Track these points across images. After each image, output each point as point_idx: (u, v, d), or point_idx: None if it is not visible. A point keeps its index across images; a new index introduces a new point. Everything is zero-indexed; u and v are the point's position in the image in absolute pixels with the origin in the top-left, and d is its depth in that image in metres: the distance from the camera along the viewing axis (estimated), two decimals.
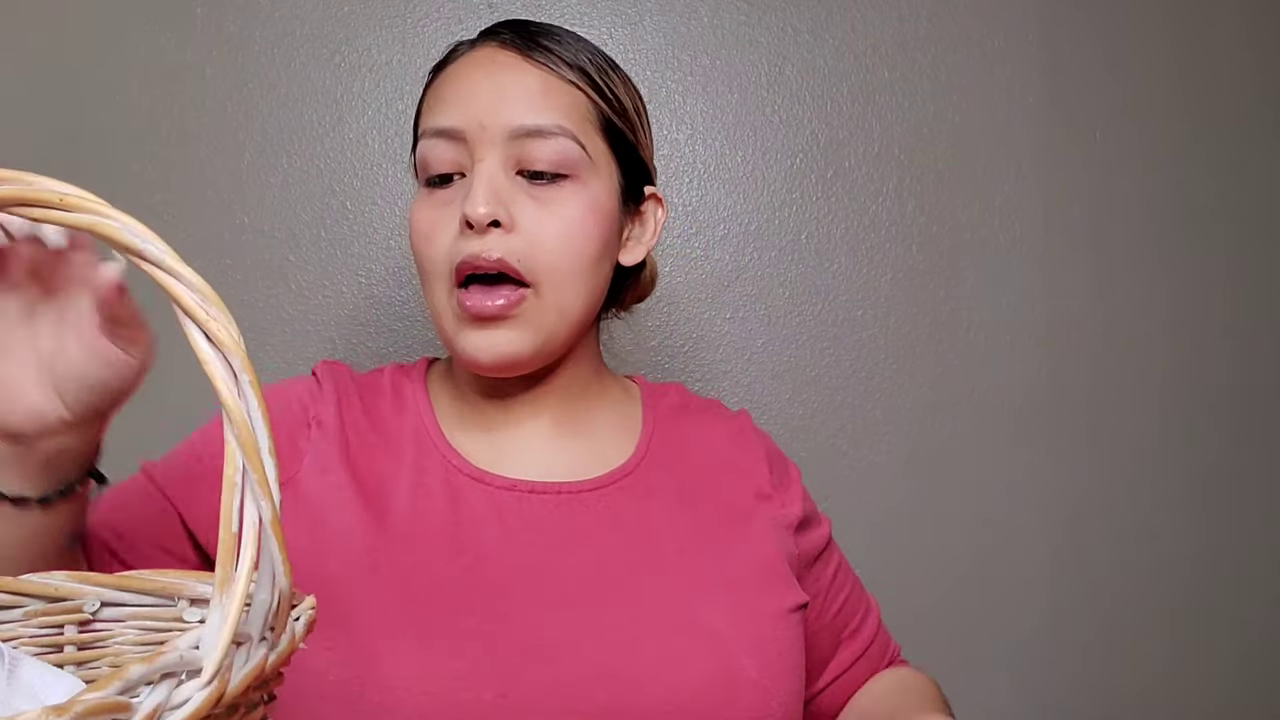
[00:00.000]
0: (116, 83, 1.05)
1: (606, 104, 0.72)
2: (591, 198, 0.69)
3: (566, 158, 0.68)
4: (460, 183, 0.68)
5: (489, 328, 0.66)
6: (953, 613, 1.13)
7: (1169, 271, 1.17)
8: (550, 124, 0.67)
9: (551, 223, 0.67)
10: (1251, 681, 1.17)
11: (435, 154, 0.68)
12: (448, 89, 0.71)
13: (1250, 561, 1.17)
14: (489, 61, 0.70)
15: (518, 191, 0.67)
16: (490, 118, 0.67)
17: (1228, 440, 1.17)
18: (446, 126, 0.68)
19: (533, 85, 0.69)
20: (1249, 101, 1.18)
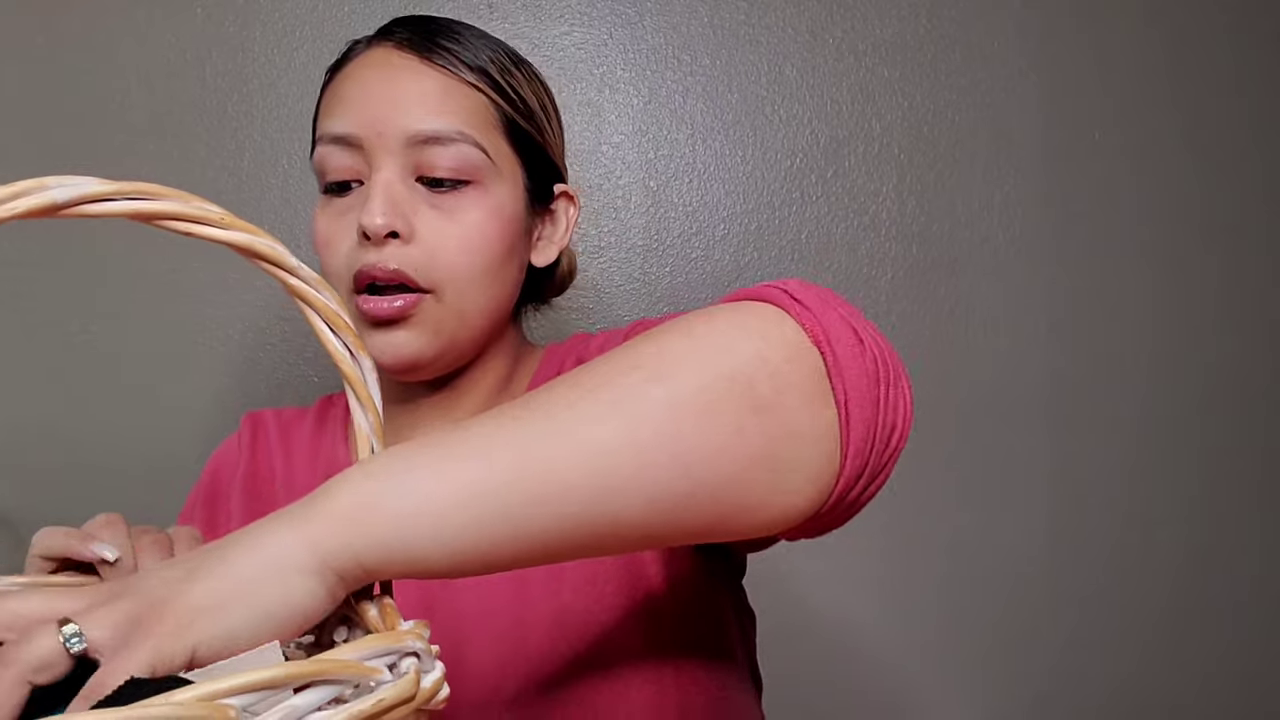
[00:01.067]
0: (116, 83, 1.05)
1: (509, 105, 0.69)
2: (494, 203, 0.67)
3: (467, 163, 0.66)
4: (358, 190, 0.66)
5: (388, 330, 0.65)
6: (951, 611, 1.13)
7: (1169, 271, 1.17)
8: (450, 130, 0.65)
9: (452, 231, 0.65)
10: (1251, 681, 1.17)
11: (332, 161, 0.66)
12: (343, 91, 0.68)
13: (1250, 558, 1.17)
14: (385, 64, 0.67)
15: (417, 200, 0.65)
16: (387, 124, 0.65)
17: (1228, 438, 1.17)
18: (342, 133, 0.66)
19: (431, 89, 0.66)
20: (1249, 101, 1.18)
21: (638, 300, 1.11)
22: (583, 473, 0.40)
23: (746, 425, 0.42)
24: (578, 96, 1.11)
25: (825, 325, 0.45)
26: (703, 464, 0.41)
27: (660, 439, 0.41)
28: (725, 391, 0.42)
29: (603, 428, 0.41)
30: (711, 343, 0.44)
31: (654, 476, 0.41)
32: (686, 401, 0.41)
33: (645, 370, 0.42)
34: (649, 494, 0.41)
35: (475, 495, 0.39)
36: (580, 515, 0.40)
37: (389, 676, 0.33)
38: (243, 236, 0.39)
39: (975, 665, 1.13)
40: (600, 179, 1.11)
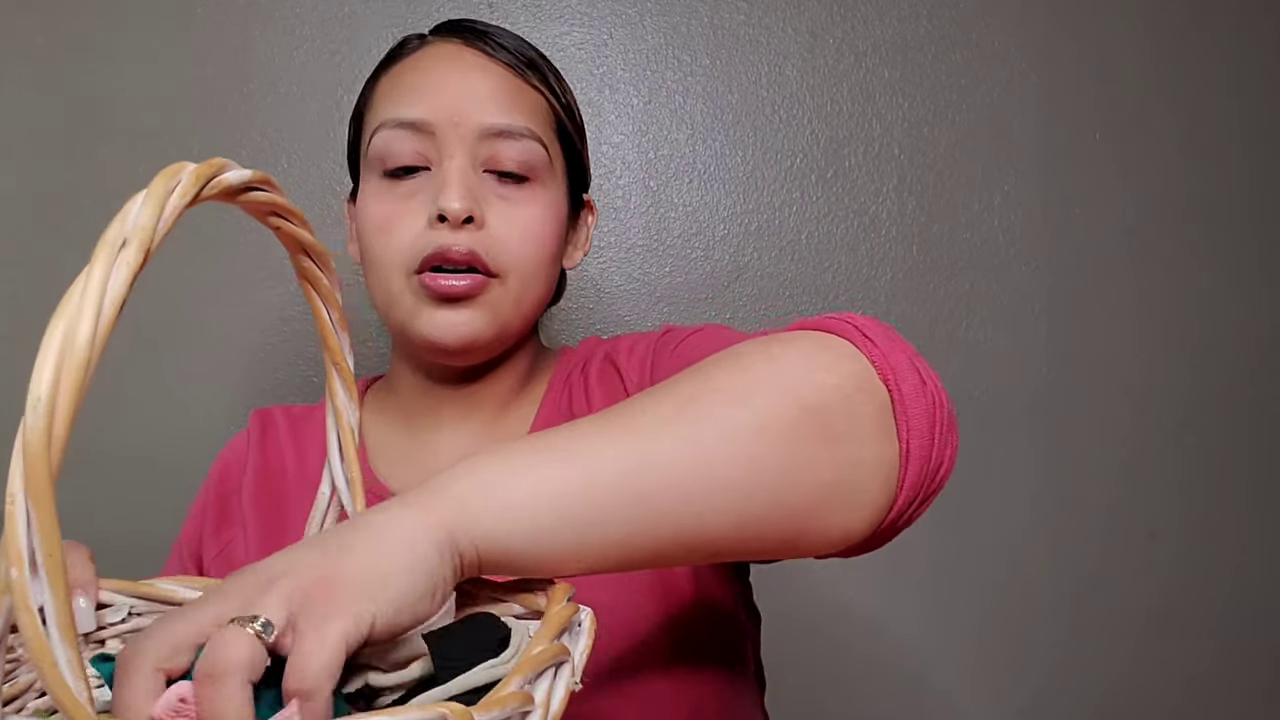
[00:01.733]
0: (116, 83, 1.05)
1: (562, 108, 0.73)
2: (551, 200, 0.70)
3: (532, 159, 0.68)
4: (424, 176, 0.68)
5: (453, 307, 0.66)
6: (950, 612, 1.13)
7: (1168, 271, 1.17)
8: (520, 126, 0.68)
9: (518, 221, 0.67)
10: (1248, 683, 1.17)
11: (400, 145, 0.67)
12: (412, 80, 0.69)
13: (1249, 560, 1.17)
14: (457, 58, 0.69)
15: (486, 189, 0.67)
16: (463, 114, 0.67)
17: (1228, 439, 1.17)
18: (415, 119, 0.67)
19: (502, 86, 0.69)
20: (1248, 102, 1.18)
21: (638, 300, 1.11)
22: (673, 488, 0.42)
23: (820, 455, 0.44)
24: (578, 96, 1.10)
25: (893, 364, 0.47)
26: (780, 488, 0.43)
27: (744, 461, 0.42)
28: (804, 421, 0.44)
29: (691, 448, 0.42)
30: (792, 371, 0.46)
31: (736, 496, 0.42)
32: (768, 427, 0.43)
33: (729, 394, 0.44)
34: (730, 513, 0.43)
35: (571, 498, 0.40)
36: (665, 528, 0.42)
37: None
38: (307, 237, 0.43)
39: (969, 666, 1.13)
40: (600, 179, 1.11)
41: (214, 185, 0.34)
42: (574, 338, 1.10)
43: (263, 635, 0.32)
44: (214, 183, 0.34)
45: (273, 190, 0.38)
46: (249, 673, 0.31)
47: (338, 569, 0.35)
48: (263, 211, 0.39)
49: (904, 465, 0.47)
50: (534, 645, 0.35)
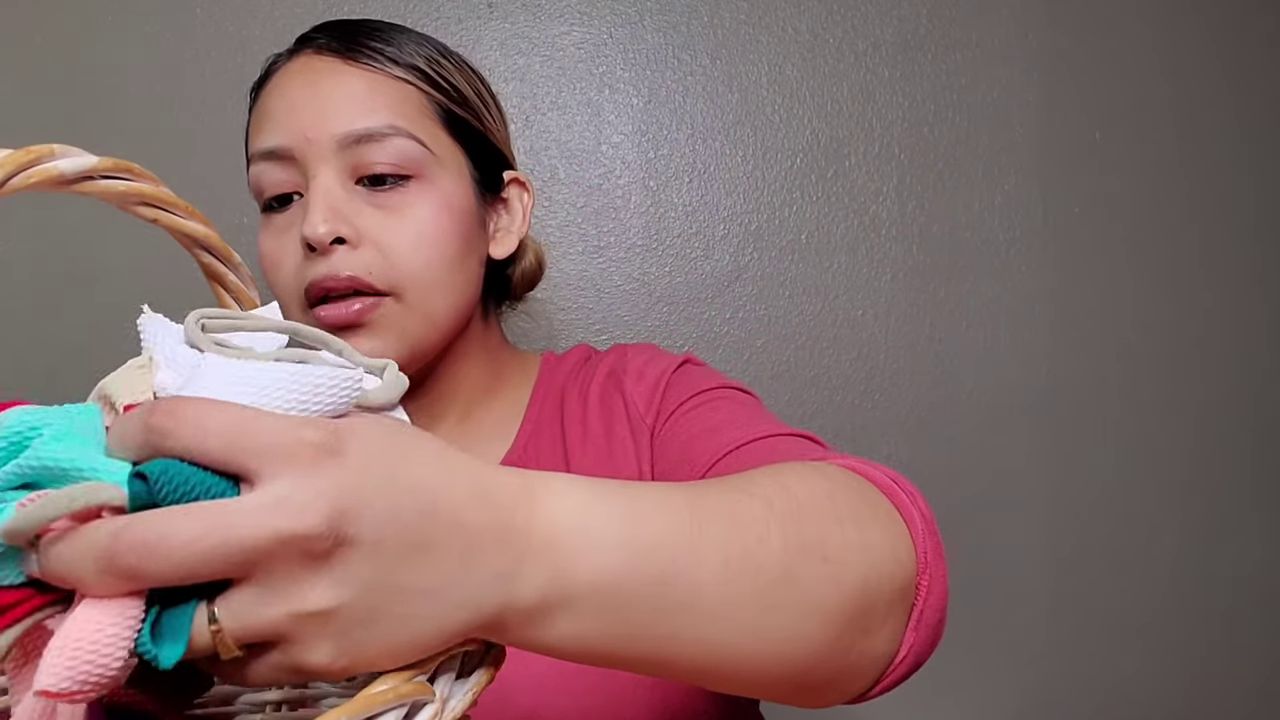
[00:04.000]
0: (116, 82, 1.05)
1: (443, 94, 0.67)
2: (441, 196, 0.65)
3: (406, 158, 0.63)
4: (299, 203, 0.64)
5: (353, 335, 0.62)
6: (952, 613, 1.13)
7: (1169, 271, 1.17)
8: (381, 125, 0.63)
9: (402, 229, 0.63)
10: (1248, 685, 1.17)
11: (267, 177, 0.64)
12: (269, 106, 0.66)
13: (1250, 560, 1.17)
14: (306, 70, 0.65)
15: (359, 202, 0.63)
16: (316, 130, 0.62)
17: (1229, 439, 1.17)
18: (272, 147, 0.63)
19: (357, 87, 0.64)
20: (1248, 102, 1.18)
21: (637, 300, 1.11)
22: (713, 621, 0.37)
23: (853, 641, 0.41)
24: (578, 96, 1.11)
25: (930, 558, 0.46)
26: (805, 662, 0.40)
27: (793, 632, 0.39)
28: (860, 612, 0.41)
29: (773, 616, 0.38)
30: (878, 550, 0.43)
31: (763, 655, 0.39)
32: (833, 612, 0.40)
33: (831, 566, 0.40)
34: (744, 663, 0.38)
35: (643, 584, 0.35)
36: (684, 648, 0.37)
37: None
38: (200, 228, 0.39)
39: (971, 668, 1.13)
40: (600, 179, 1.11)
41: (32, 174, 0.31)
42: (574, 338, 1.10)
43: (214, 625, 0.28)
44: (31, 171, 0.31)
45: (138, 179, 0.36)
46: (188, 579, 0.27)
47: (376, 604, 0.29)
48: (128, 202, 0.36)
49: (900, 659, 0.45)
50: (376, 684, 0.29)
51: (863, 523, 0.43)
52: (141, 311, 0.37)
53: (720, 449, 0.58)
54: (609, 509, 0.35)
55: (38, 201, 1.01)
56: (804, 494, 0.42)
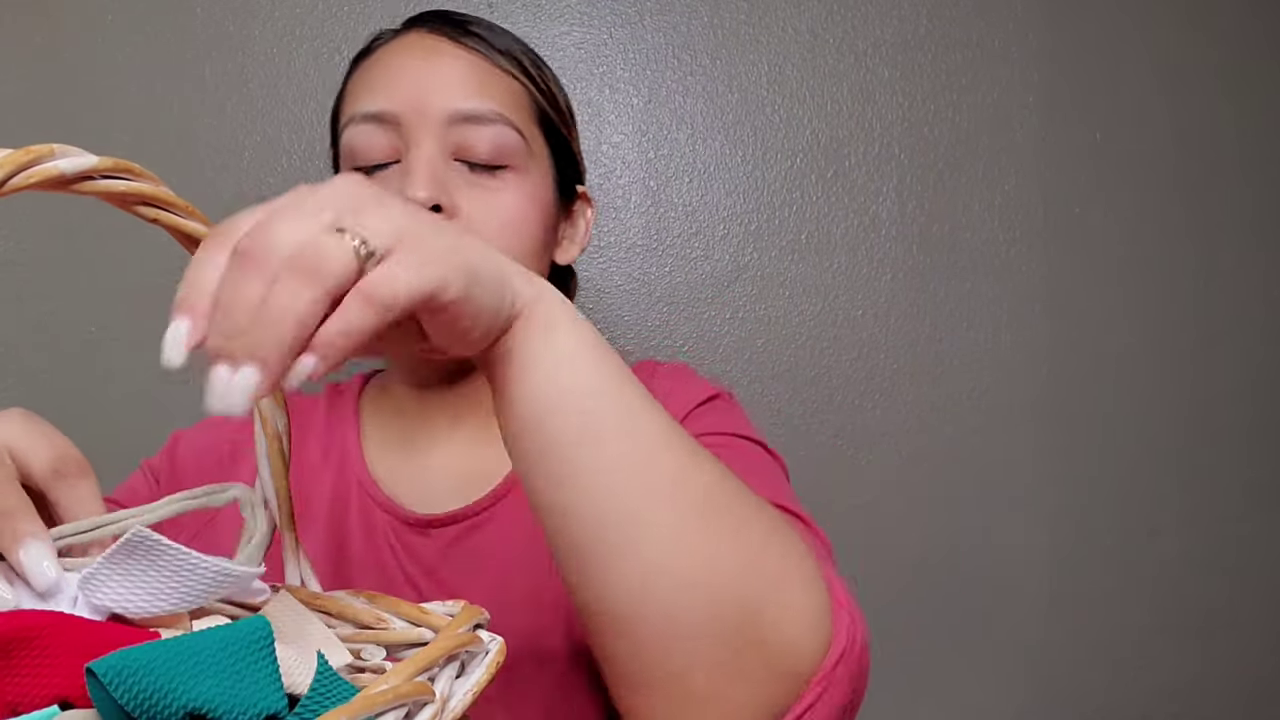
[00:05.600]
0: (116, 83, 1.05)
1: (541, 95, 0.69)
2: (531, 189, 0.66)
3: (506, 146, 0.65)
4: (394, 170, 0.65)
5: None
6: (952, 613, 1.13)
7: (1170, 272, 1.17)
8: (489, 110, 0.64)
9: (493, 211, 0.64)
10: (1250, 686, 1.17)
11: (366, 140, 0.65)
12: (377, 73, 0.67)
13: (1250, 562, 1.17)
14: (421, 45, 0.67)
15: (456, 177, 0.64)
16: (427, 102, 0.64)
17: (1229, 439, 1.17)
18: (378, 110, 0.64)
19: (469, 71, 0.66)
20: (1249, 102, 1.18)
21: (638, 300, 1.11)
22: (651, 485, 0.42)
23: (753, 619, 0.44)
24: (578, 96, 1.11)
25: (848, 642, 0.46)
26: (705, 572, 0.43)
27: (707, 548, 0.43)
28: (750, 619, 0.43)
29: (693, 493, 0.43)
30: (794, 572, 0.45)
31: (677, 550, 0.42)
32: (753, 564, 0.44)
33: (749, 516, 0.45)
34: (656, 550, 0.42)
35: (596, 387, 0.42)
36: (611, 485, 0.42)
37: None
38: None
39: (971, 669, 1.13)
40: (600, 179, 1.11)
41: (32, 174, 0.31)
42: None
43: (363, 259, 0.33)
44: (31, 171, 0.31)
45: (138, 179, 0.36)
46: (335, 285, 0.32)
47: (447, 241, 0.36)
48: (128, 202, 0.36)
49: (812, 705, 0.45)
50: (377, 684, 0.30)
51: (788, 547, 0.46)
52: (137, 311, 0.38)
53: None
54: (592, 336, 0.43)
55: (38, 201, 1.01)
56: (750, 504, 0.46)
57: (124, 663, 0.27)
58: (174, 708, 0.27)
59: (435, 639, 0.34)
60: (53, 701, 0.29)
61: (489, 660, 0.35)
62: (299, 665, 0.32)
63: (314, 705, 0.29)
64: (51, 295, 1.04)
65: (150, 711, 0.26)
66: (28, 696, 0.29)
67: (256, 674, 0.29)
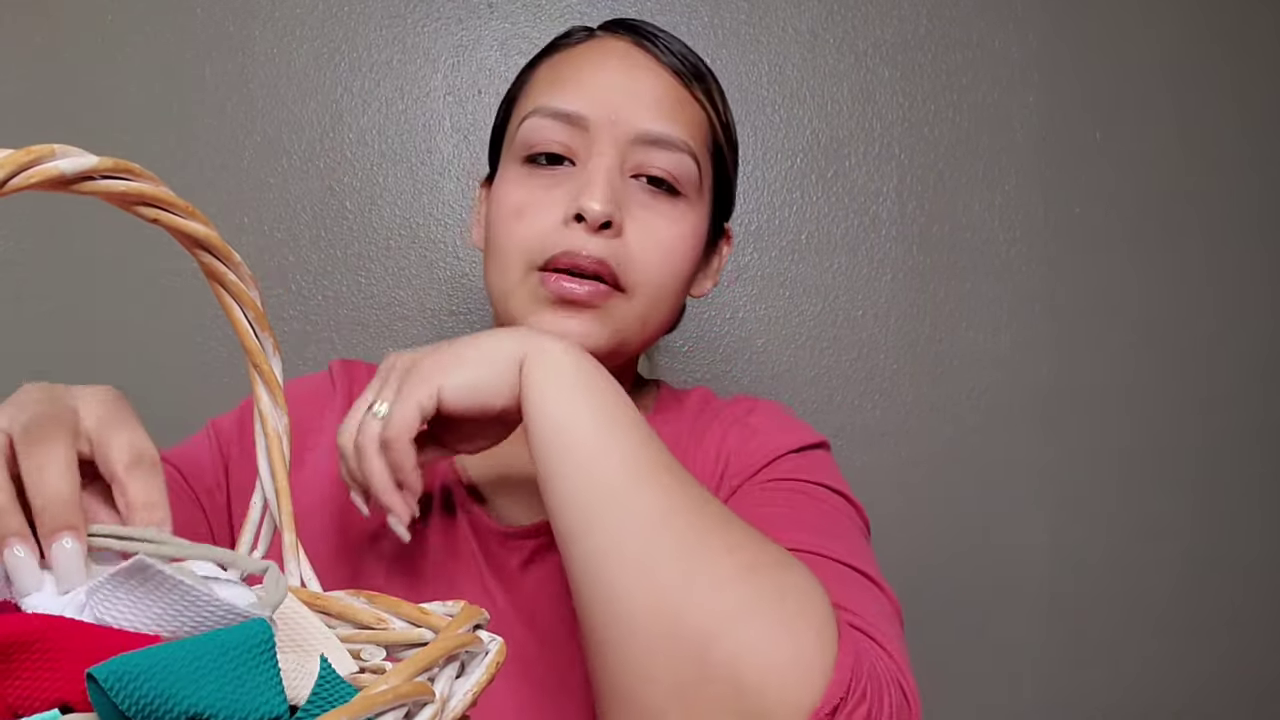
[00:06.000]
0: (116, 82, 1.05)
1: (722, 130, 0.69)
2: (695, 221, 0.66)
3: (684, 175, 0.64)
4: (567, 170, 0.64)
5: (570, 313, 0.63)
6: (952, 613, 1.13)
7: (1170, 272, 1.17)
8: (678, 138, 0.64)
9: (659, 235, 0.64)
10: (1252, 688, 1.17)
11: (547, 134, 0.64)
12: (571, 71, 0.66)
13: (1249, 561, 1.17)
14: (624, 56, 0.66)
15: (631, 194, 0.64)
16: (622, 114, 0.63)
17: (1228, 438, 1.17)
18: (571, 110, 0.63)
19: (668, 93, 0.65)
20: (1249, 103, 1.18)
21: None
22: (633, 529, 0.48)
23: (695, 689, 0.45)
24: None
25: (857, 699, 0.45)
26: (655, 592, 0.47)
27: (698, 618, 0.46)
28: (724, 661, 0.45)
29: (670, 569, 0.47)
30: (795, 628, 0.46)
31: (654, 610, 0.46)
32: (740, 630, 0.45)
33: (766, 582, 0.47)
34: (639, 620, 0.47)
35: (609, 445, 0.50)
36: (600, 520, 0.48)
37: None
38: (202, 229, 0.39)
39: (971, 669, 1.13)
40: None
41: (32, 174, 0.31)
42: None
43: (376, 413, 0.53)
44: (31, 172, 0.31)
45: (138, 179, 0.35)
46: (379, 449, 0.52)
47: (430, 357, 0.53)
48: (128, 203, 0.36)
49: None
50: (378, 684, 0.30)
51: (803, 603, 0.47)
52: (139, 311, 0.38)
53: None
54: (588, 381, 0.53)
55: (38, 201, 1.02)
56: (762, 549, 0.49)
57: (125, 668, 0.26)
58: (175, 713, 0.27)
59: (435, 639, 0.34)
60: (53, 705, 0.29)
61: (489, 660, 0.35)
62: (300, 674, 0.32)
63: (314, 706, 0.29)
64: (51, 295, 1.04)
65: (151, 716, 0.26)
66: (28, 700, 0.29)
67: (257, 678, 0.29)
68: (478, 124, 1.09)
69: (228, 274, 0.40)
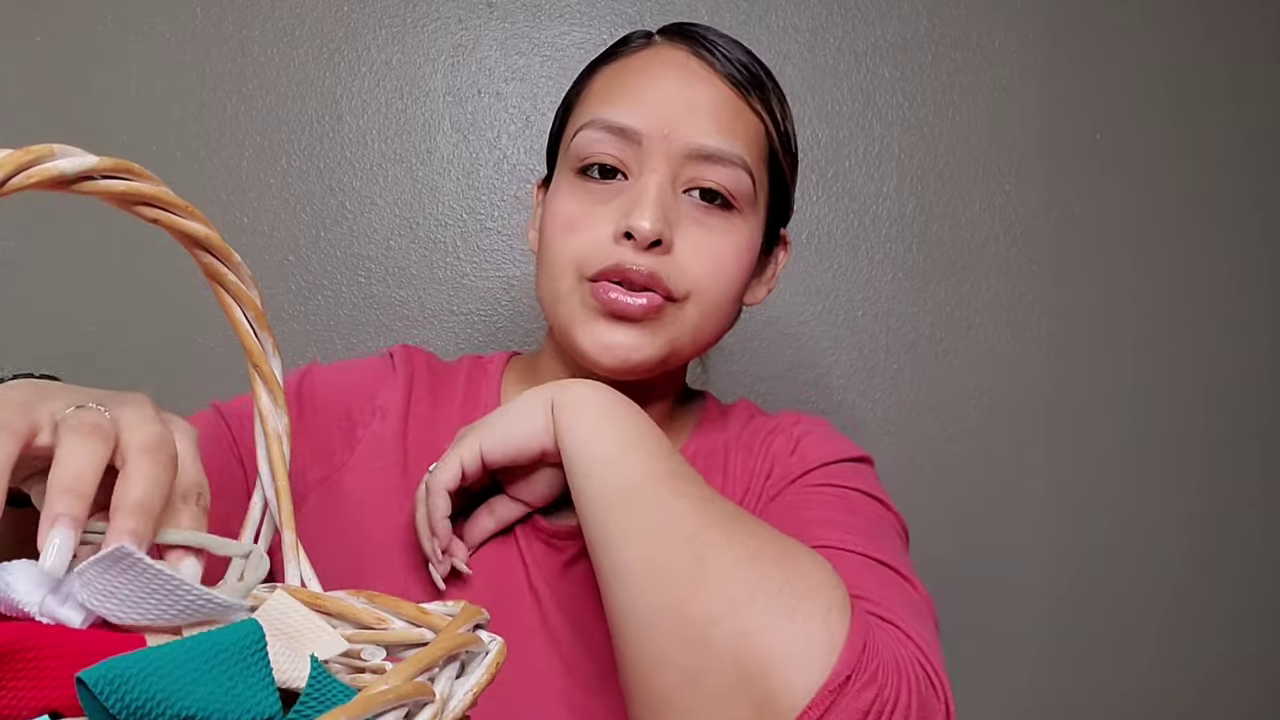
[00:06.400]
0: (116, 82, 1.05)
1: (780, 140, 0.68)
2: (748, 234, 0.66)
3: (738, 189, 0.64)
4: (620, 183, 0.64)
5: (620, 325, 0.63)
6: (952, 614, 1.13)
7: (1169, 271, 1.17)
8: (734, 153, 0.63)
9: (710, 249, 0.64)
10: (1253, 689, 1.17)
11: (601, 147, 0.64)
12: (630, 82, 0.65)
13: (1249, 560, 1.17)
14: (676, 64, 0.65)
15: (683, 210, 0.64)
16: (675, 129, 0.62)
17: (1228, 439, 1.17)
18: (626, 124, 0.63)
19: (724, 106, 0.64)
20: (1248, 103, 1.18)
21: None
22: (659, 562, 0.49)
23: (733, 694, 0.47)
24: None
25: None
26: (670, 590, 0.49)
27: (720, 628, 0.47)
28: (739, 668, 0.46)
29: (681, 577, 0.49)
30: (795, 632, 0.46)
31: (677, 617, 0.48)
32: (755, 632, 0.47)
33: (785, 597, 0.47)
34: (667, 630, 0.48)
35: (634, 483, 0.52)
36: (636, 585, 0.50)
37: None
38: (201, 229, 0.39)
39: (971, 668, 1.13)
40: None
41: (32, 174, 0.31)
42: None
43: (432, 473, 0.60)
44: (31, 171, 0.31)
45: (138, 179, 0.35)
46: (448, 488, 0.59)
47: (479, 422, 0.60)
48: (128, 203, 0.36)
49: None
50: (377, 684, 0.30)
51: (828, 614, 0.47)
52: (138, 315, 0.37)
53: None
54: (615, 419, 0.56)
55: (38, 201, 1.02)
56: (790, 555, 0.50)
57: (114, 672, 0.26)
58: (166, 716, 0.27)
59: (435, 639, 0.34)
60: (41, 713, 0.29)
61: (489, 660, 0.35)
62: (290, 660, 0.32)
63: (311, 706, 0.29)
64: (51, 295, 1.04)
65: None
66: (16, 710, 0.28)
67: (249, 679, 0.29)
68: (477, 124, 1.09)
69: (228, 274, 0.40)
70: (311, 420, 0.68)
